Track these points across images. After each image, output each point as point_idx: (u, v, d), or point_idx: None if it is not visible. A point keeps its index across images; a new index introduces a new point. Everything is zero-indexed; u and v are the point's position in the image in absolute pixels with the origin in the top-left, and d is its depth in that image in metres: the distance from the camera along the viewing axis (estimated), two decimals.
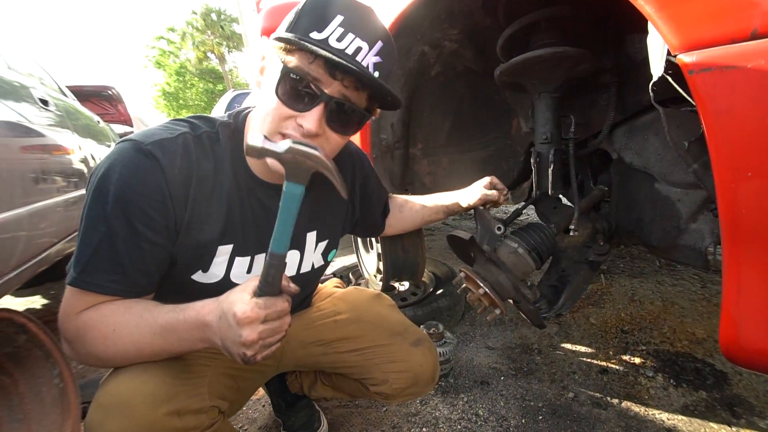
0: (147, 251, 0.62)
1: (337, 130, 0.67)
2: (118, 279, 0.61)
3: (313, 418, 1.12)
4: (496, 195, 1.01)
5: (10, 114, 1.27)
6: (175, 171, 0.63)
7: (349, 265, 2.16)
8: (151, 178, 0.61)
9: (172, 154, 0.63)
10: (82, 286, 0.60)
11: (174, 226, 0.65)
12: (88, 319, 0.60)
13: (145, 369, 0.62)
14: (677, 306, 1.74)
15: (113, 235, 0.59)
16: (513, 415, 1.17)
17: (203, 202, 0.67)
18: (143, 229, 0.61)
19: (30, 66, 1.96)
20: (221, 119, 0.73)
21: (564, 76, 0.96)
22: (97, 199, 0.59)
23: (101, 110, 4.66)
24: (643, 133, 0.97)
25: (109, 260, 0.60)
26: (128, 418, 0.58)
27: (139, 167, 0.60)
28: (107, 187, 0.59)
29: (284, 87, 0.62)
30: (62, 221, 1.51)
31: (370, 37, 0.61)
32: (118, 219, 0.59)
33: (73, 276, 0.60)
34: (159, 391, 0.61)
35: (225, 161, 0.70)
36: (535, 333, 1.60)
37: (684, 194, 0.90)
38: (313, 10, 0.61)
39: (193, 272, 0.71)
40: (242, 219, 0.72)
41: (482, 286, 0.93)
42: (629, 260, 2.34)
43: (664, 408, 1.17)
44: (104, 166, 0.61)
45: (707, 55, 0.46)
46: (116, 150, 0.62)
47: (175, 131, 0.66)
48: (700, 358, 1.37)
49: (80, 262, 0.60)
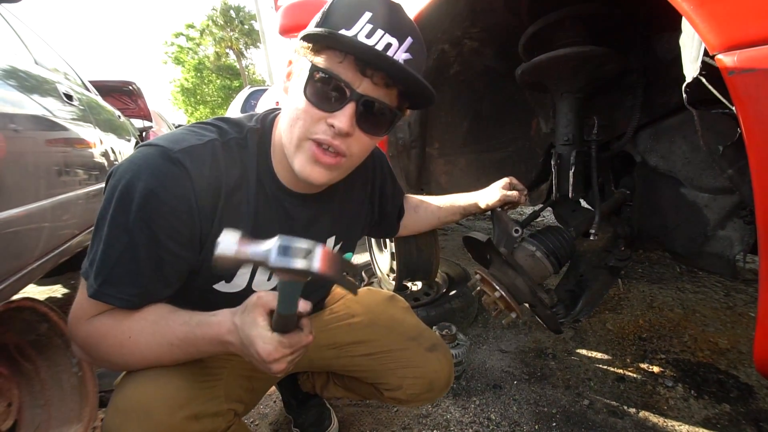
0: (169, 263, 0.61)
1: (367, 131, 0.64)
2: (139, 292, 0.60)
3: (323, 417, 1.12)
4: (516, 195, 0.99)
5: (36, 108, 1.30)
6: (204, 182, 0.60)
7: (361, 264, 2.16)
8: (179, 189, 0.58)
9: (200, 163, 0.60)
10: (103, 298, 0.58)
11: (199, 239, 0.63)
12: (101, 325, 0.60)
13: (162, 373, 0.61)
14: (699, 314, 1.68)
15: (136, 246, 0.57)
16: (526, 421, 1.15)
17: (231, 214, 0.65)
18: (167, 241, 0.59)
19: (55, 61, 2.01)
20: (249, 125, 0.70)
21: (588, 77, 0.94)
22: (120, 208, 0.57)
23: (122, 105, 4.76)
24: (669, 136, 0.94)
25: (131, 272, 0.58)
26: (147, 422, 0.58)
27: (167, 176, 0.58)
28: (131, 196, 0.56)
29: (313, 87, 0.60)
30: (83, 213, 1.55)
31: (400, 33, 0.59)
32: (142, 230, 0.57)
33: (94, 288, 0.58)
34: (177, 395, 0.60)
35: (252, 170, 0.67)
36: (549, 337, 1.57)
37: (712, 200, 0.87)
38: (340, 7, 0.59)
39: (216, 282, 0.70)
40: (268, 230, 0.69)
41: (498, 289, 0.91)
42: (648, 265, 2.28)
43: (684, 420, 1.13)
44: (129, 173, 0.57)
45: (749, 56, 0.44)
46: (141, 156, 0.59)
47: (204, 137, 0.63)
48: (724, 370, 1.32)
49: (101, 272, 0.58)
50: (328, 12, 0.60)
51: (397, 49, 0.59)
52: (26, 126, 1.19)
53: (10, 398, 1.01)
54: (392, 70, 0.58)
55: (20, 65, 1.37)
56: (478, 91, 1.38)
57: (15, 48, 1.50)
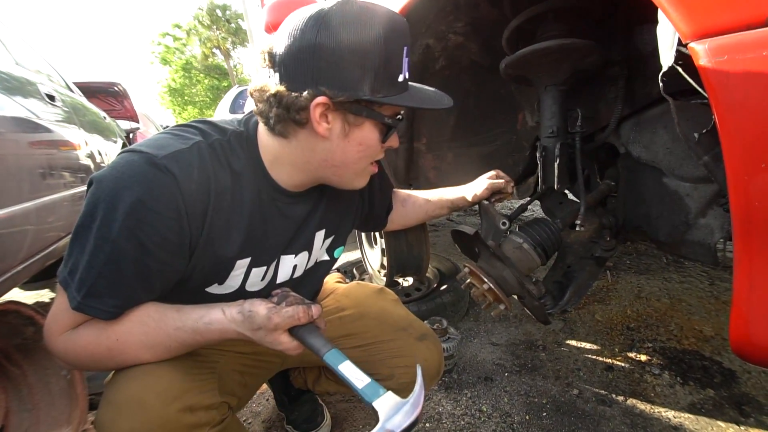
0: (157, 272, 0.59)
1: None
2: (122, 303, 0.58)
3: (316, 413, 1.13)
4: (503, 183, 1.00)
5: (18, 110, 1.28)
6: (193, 187, 0.58)
7: (353, 261, 2.16)
8: (167, 196, 0.56)
9: (188, 168, 0.58)
10: (86, 311, 0.57)
11: (189, 245, 0.61)
12: (80, 338, 0.59)
13: (156, 366, 0.61)
14: (685, 303, 1.71)
15: (121, 257, 0.55)
16: (517, 412, 1.17)
17: (222, 217, 0.63)
18: (155, 250, 0.57)
19: (37, 62, 1.97)
20: (231, 128, 0.68)
21: (571, 69, 0.95)
22: (105, 218, 0.54)
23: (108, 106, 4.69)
24: (651, 126, 0.95)
25: (116, 283, 0.56)
26: (141, 415, 0.57)
27: (154, 184, 0.55)
28: (116, 205, 0.54)
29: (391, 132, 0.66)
30: (69, 215, 1.52)
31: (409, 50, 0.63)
32: (129, 240, 0.55)
33: (77, 300, 0.56)
34: (171, 387, 0.60)
35: (243, 173, 0.66)
36: (539, 329, 1.59)
37: (693, 189, 0.88)
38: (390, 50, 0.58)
39: (208, 286, 0.69)
40: (262, 232, 0.70)
41: (486, 281, 0.92)
42: (636, 257, 2.31)
43: (670, 406, 1.15)
44: (112, 181, 0.55)
45: (720, 43, 0.45)
46: (125, 163, 0.57)
47: (188, 140, 0.61)
48: (708, 356, 1.35)
49: (84, 283, 0.55)
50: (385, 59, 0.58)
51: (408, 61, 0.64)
52: (7, 128, 1.17)
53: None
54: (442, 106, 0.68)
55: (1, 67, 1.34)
56: (464, 86, 1.39)
57: None
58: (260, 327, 0.59)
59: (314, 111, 0.58)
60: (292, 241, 0.77)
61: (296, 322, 0.61)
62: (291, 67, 0.58)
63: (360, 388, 0.57)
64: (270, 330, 0.59)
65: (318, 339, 0.62)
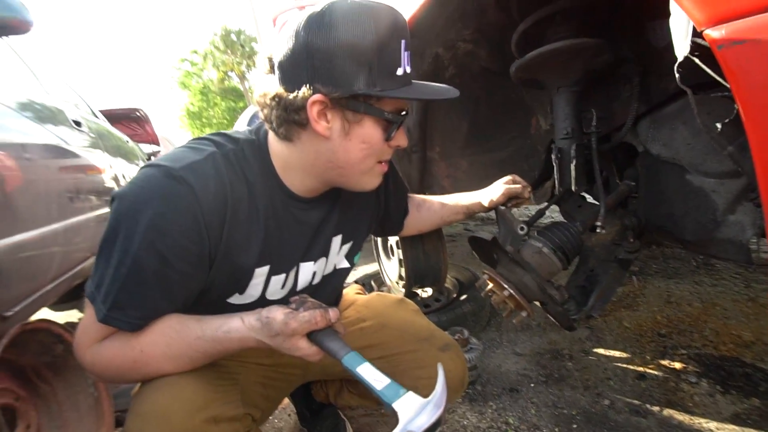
0: (178, 283, 0.60)
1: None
2: (145, 315, 0.60)
3: (338, 428, 1.11)
4: (520, 188, 0.98)
5: (48, 136, 1.35)
6: (210, 197, 0.60)
7: (370, 273, 2.16)
8: (185, 207, 0.57)
9: (204, 178, 0.60)
10: (112, 323, 0.58)
11: (208, 256, 0.62)
12: (106, 351, 0.60)
13: (180, 377, 0.62)
14: (719, 307, 1.63)
15: (143, 270, 0.57)
16: (545, 424, 1.12)
17: (240, 227, 0.64)
18: (175, 261, 0.58)
19: (65, 91, 2.08)
20: (243, 137, 0.70)
21: (582, 69, 0.94)
22: (126, 231, 0.56)
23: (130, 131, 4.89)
24: (670, 122, 0.92)
25: (139, 295, 0.58)
26: (167, 425, 0.58)
27: (172, 195, 0.57)
28: (137, 219, 0.56)
29: (394, 130, 0.65)
30: (95, 236, 1.58)
31: (408, 43, 0.62)
32: (149, 252, 0.56)
33: (103, 312, 0.57)
34: (195, 398, 0.60)
35: (257, 181, 0.67)
36: (565, 338, 1.54)
37: (719, 184, 0.85)
38: (384, 44, 0.58)
39: (229, 296, 0.70)
40: (279, 239, 0.70)
41: (506, 287, 0.90)
42: (662, 261, 2.23)
43: (711, 416, 1.09)
44: (132, 195, 0.57)
45: (737, 27, 0.43)
46: (143, 177, 0.59)
47: (203, 152, 0.63)
48: (750, 363, 1.27)
49: (109, 296, 0.57)
50: (381, 57, 0.58)
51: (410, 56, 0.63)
52: (39, 154, 1.23)
53: (29, 420, 1.02)
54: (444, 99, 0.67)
55: (32, 96, 1.43)
56: (475, 93, 1.39)
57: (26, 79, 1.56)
58: (278, 333, 0.59)
59: (311, 109, 0.59)
60: (310, 247, 0.77)
61: (314, 327, 0.60)
62: (288, 69, 0.60)
63: (379, 389, 0.56)
64: (288, 335, 0.59)
65: (336, 342, 0.61)
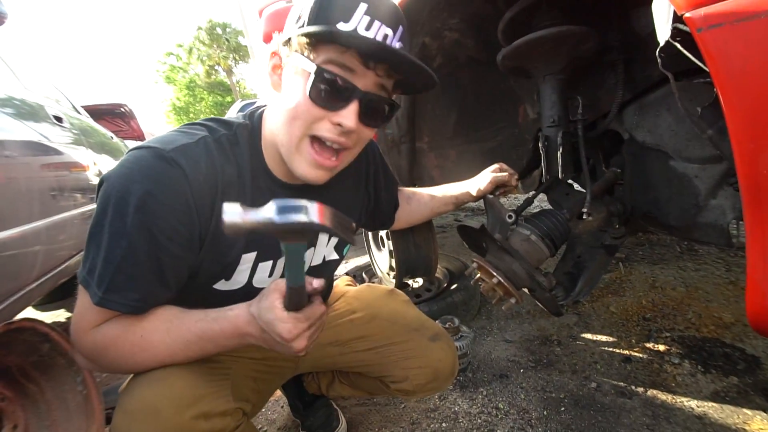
0: (169, 265, 0.60)
1: (368, 124, 0.65)
2: (142, 297, 0.59)
3: (331, 418, 1.12)
4: (507, 176, 0.99)
5: (28, 133, 1.31)
6: (200, 179, 0.60)
7: (361, 265, 2.16)
8: (176, 188, 0.57)
9: (195, 161, 0.60)
10: (108, 305, 0.57)
11: (198, 238, 0.62)
12: (108, 331, 0.59)
13: (169, 372, 0.61)
14: (701, 291, 1.68)
15: (136, 251, 0.56)
16: (534, 408, 1.14)
17: None
18: (166, 243, 0.58)
19: (46, 87, 2.02)
20: (238, 121, 0.70)
21: (568, 57, 0.94)
22: (117, 213, 0.55)
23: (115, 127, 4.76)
24: (654, 109, 0.94)
25: (134, 277, 0.57)
26: (155, 422, 0.57)
27: (163, 176, 0.57)
28: (127, 200, 0.55)
29: (317, 87, 0.58)
30: (80, 234, 1.55)
31: (394, 23, 0.59)
32: (141, 233, 0.56)
33: (99, 296, 0.57)
34: (185, 394, 0.59)
35: (245, 165, 0.67)
36: (553, 324, 1.57)
37: (701, 170, 0.87)
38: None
39: (215, 282, 0.70)
40: None
41: (495, 275, 0.91)
42: (648, 247, 2.28)
43: (692, 395, 1.12)
44: (122, 177, 0.56)
45: (716, 10, 0.44)
46: (133, 158, 0.58)
47: (195, 135, 0.63)
48: (729, 343, 1.32)
49: (104, 280, 0.56)
50: (321, 4, 0.57)
51: (392, 39, 0.59)
52: (18, 151, 1.19)
53: (15, 420, 1.01)
54: (396, 62, 0.58)
55: (9, 92, 1.38)
56: (463, 83, 1.39)
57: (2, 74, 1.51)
58: (262, 296, 0.57)
59: (269, 63, 0.63)
60: None
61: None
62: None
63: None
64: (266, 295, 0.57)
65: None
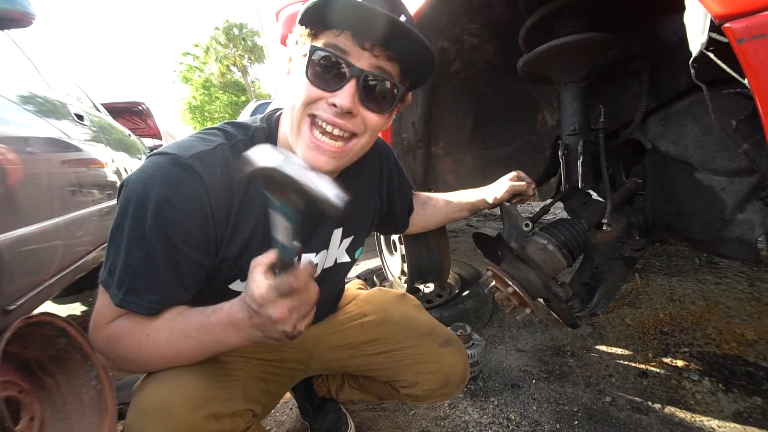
0: (186, 268, 0.61)
1: (371, 108, 0.64)
2: (160, 299, 0.61)
3: (340, 422, 1.11)
4: (525, 185, 0.98)
5: (50, 130, 1.34)
6: (216, 185, 0.61)
7: (372, 268, 2.15)
8: (193, 194, 0.59)
9: (212, 167, 0.61)
10: (127, 306, 0.60)
11: (214, 242, 0.63)
12: (120, 327, 0.61)
13: (182, 372, 0.62)
14: (722, 306, 1.62)
15: (154, 255, 0.58)
16: (546, 420, 1.12)
17: (244, 215, 0.65)
18: (183, 247, 0.59)
19: (67, 85, 2.07)
20: (255, 125, 0.71)
21: (591, 64, 0.93)
22: (136, 218, 0.57)
23: (132, 125, 4.88)
24: (680, 119, 0.91)
25: (152, 280, 0.59)
26: (167, 421, 0.58)
27: (180, 182, 0.58)
28: (146, 205, 0.57)
29: (313, 67, 0.60)
30: (97, 230, 1.58)
31: (393, 8, 0.59)
32: (159, 237, 0.58)
33: (119, 297, 0.59)
34: (197, 394, 0.61)
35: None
36: (567, 335, 1.54)
37: (729, 183, 0.84)
38: None
39: (231, 282, 0.71)
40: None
41: (511, 284, 0.89)
42: (666, 258, 2.22)
43: (713, 414, 1.08)
44: (141, 182, 0.58)
45: (758, 21, 0.42)
46: (152, 164, 0.60)
47: (212, 142, 0.64)
48: (752, 362, 1.27)
49: (124, 282, 0.58)
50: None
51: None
52: (41, 148, 1.22)
53: (32, 412, 1.03)
54: (388, 28, 0.57)
55: (34, 90, 1.41)
56: (480, 88, 1.37)
57: (28, 73, 1.54)
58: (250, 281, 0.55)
59: (286, 67, 0.67)
60: (310, 239, 0.77)
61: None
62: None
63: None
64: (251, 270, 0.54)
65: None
